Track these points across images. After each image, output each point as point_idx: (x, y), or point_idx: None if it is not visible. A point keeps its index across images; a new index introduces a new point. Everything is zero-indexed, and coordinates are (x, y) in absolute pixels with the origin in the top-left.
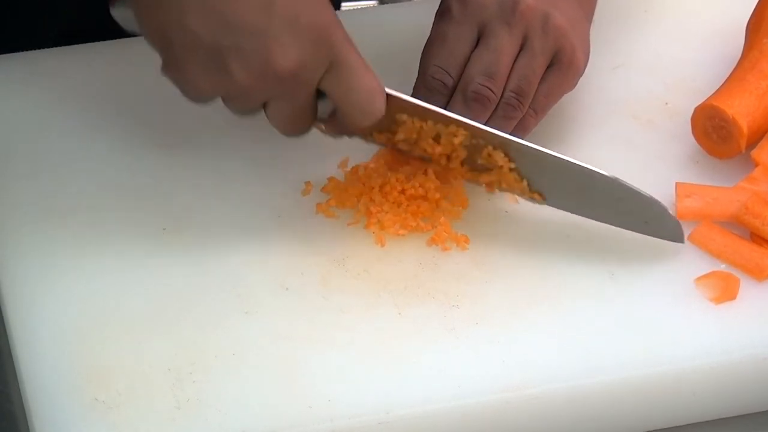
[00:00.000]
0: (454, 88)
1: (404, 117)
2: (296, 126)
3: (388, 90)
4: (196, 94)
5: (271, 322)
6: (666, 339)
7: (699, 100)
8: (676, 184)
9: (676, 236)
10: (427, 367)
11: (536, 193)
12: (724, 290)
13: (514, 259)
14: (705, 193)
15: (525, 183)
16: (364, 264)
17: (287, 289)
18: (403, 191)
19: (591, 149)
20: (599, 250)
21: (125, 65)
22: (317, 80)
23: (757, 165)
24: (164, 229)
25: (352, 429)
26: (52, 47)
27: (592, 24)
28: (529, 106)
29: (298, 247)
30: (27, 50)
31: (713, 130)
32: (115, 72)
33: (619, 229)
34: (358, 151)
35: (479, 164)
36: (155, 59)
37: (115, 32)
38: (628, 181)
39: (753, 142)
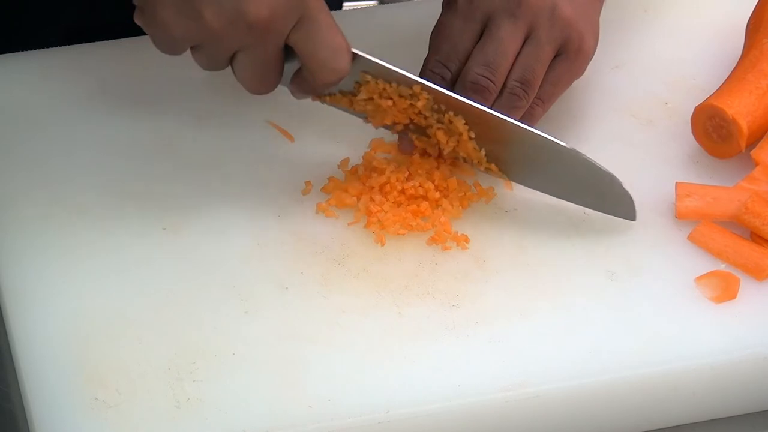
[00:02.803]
0: (455, 81)
1: (368, 77)
2: (262, 81)
3: (353, 50)
4: (166, 41)
5: (271, 322)
6: (666, 339)
7: (699, 100)
8: (676, 183)
9: (629, 213)
10: (427, 367)
11: (493, 164)
12: (724, 290)
13: (514, 259)
14: (705, 193)
15: (483, 153)
16: (364, 263)
17: (287, 288)
18: (403, 191)
19: (591, 149)
20: (599, 250)
21: (127, 65)
22: (286, 33)
23: (757, 165)
24: (164, 229)
25: (352, 429)
26: (56, 47)
27: None
28: (536, 96)
29: (298, 246)
30: (31, 49)
31: (713, 130)
32: (116, 72)
33: (618, 229)
34: (358, 151)
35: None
36: (157, 60)
37: (119, 32)
38: (586, 155)
39: (753, 141)
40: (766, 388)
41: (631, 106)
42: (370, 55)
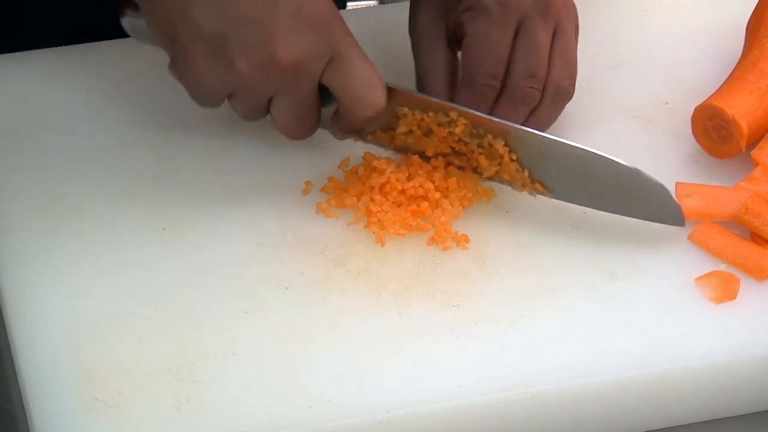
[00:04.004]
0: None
1: (405, 110)
2: (301, 125)
3: (388, 83)
4: (201, 91)
5: (272, 322)
6: (666, 339)
7: (699, 100)
8: (677, 183)
9: (677, 220)
10: (427, 367)
11: (539, 184)
12: (724, 290)
13: (514, 259)
14: (705, 193)
15: (526, 173)
16: (364, 264)
17: (287, 288)
18: (403, 191)
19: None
20: (599, 250)
21: (128, 66)
22: (319, 73)
23: (757, 165)
24: (164, 229)
25: (352, 429)
26: (56, 47)
27: (592, 24)
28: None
29: (298, 247)
30: (31, 49)
31: (713, 130)
32: (117, 72)
33: (619, 228)
34: (358, 151)
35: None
36: (157, 60)
37: (119, 32)
38: (641, 169)
39: (753, 141)
40: (766, 388)
41: (631, 106)
42: (375, 58)
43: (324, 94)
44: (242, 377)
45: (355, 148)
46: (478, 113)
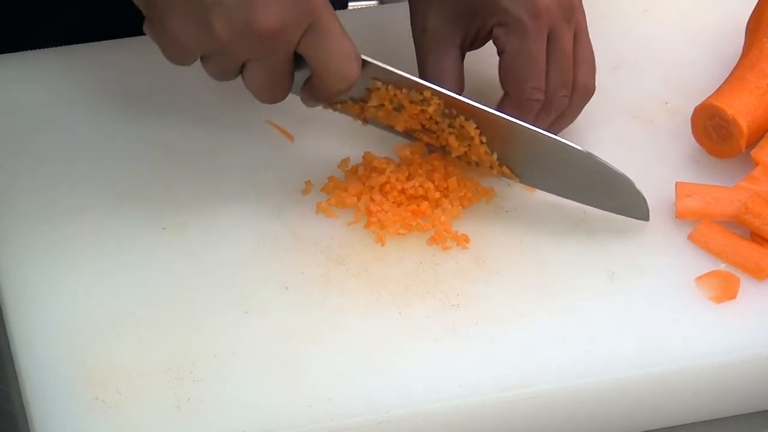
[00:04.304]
0: None
1: (378, 84)
2: (273, 91)
3: (363, 56)
4: (176, 52)
5: (271, 322)
6: (666, 339)
7: (699, 100)
8: (677, 183)
9: (642, 214)
10: (427, 367)
11: (506, 168)
12: (724, 289)
13: (515, 259)
14: (705, 193)
15: (495, 156)
16: (364, 263)
17: (287, 288)
18: (403, 191)
19: (591, 149)
20: (599, 250)
21: (127, 65)
22: (296, 41)
23: (757, 164)
24: (164, 228)
25: (352, 429)
26: (56, 47)
27: (591, 24)
28: None
29: (298, 246)
30: (31, 49)
31: (713, 130)
32: (117, 72)
33: (619, 228)
34: (358, 151)
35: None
36: (157, 60)
37: (119, 32)
38: (600, 157)
39: (753, 141)
40: (766, 388)
41: (632, 106)
42: (374, 58)
43: (298, 60)
44: (242, 377)
45: (355, 149)
46: (451, 94)
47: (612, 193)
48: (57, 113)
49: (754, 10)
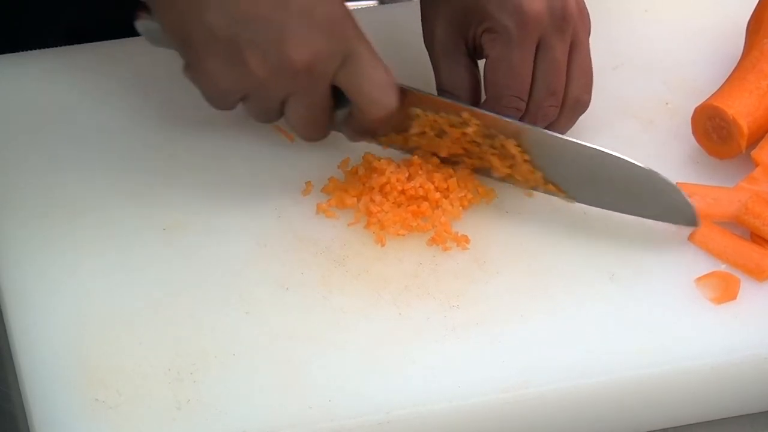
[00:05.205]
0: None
1: (417, 111)
2: (314, 126)
3: (400, 84)
4: (216, 93)
5: (272, 322)
6: (666, 339)
7: (699, 100)
8: (677, 184)
9: (691, 220)
10: (427, 367)
11: (551, 184)
12: (724, 290)
13: (515, 259)
14: (705, 194)
15: (540, 174)
16: (364, 264)
17: (287, 288)
18: (403, 191)
19: None
20: (599, 251)
21: (127, 65)
22: (332, 73)
23: (757, 165)
24: (164, 228)
25: (352, 429)
26: (56, 47)
27: (592, 25)
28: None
29: (298, 247)
30: (31, 49)
31: (713, 130)
32: (117, 72)
33: (619, 229)
34: (358, 152)
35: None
36: (158, 60)
37: (119, 32)
38: (658, 171)
39: (753, 142)
40: (767, 388)
41: (632, 107)
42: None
43: (338, 95)
44: (242, 377)
45: (356, 149)
46: (489, 113)
47: (661, 204)
48: (57, 113)
49: (754, 11)
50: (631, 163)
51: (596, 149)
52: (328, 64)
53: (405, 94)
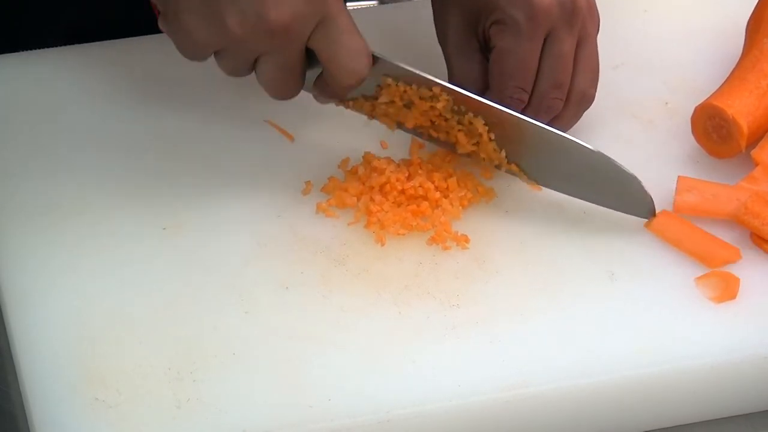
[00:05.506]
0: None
1: (389, 80)
2: (285, 86)
3: (374, 52)
4: (190, 47)
5: (271, 322)
6: (666, 338)
7: (699, 100)
8: (678, 177)
9: (646, 212)
10: (427, 367)
11: (514, 165)
12: (724, 290)
13: (515, 259)
14: (705, 189)
15: (503, 154)
16: (364, 263)
17: (287, 288)
18: (403, 191)
19: None
20: (599, 250)
21: (127, 65)
22: (307, 35)
23: (757, 164)
24: (164, 228)
25: (352, 429)
26: (56, 47)
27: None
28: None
29: (298, 246)
30: (31, 49)
31: (713, 130)
32: (116, 72)
33: (619, 228)
34: (359, 151)
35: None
36: (157, 60)
37: (119, 32)
38: (610, 156)
39: (753, 141)
40: (766, 388)
41: (632, 106)
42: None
43: (310, 56)
44: (242, 377)
45: (356, 149)
46: (461, 90)
47: (618, 192)
48: (57, 113)
49: (754, 11)
50: (587, 148)
51: (556, 133)
52: (304, 27)
53: (378, 62)
